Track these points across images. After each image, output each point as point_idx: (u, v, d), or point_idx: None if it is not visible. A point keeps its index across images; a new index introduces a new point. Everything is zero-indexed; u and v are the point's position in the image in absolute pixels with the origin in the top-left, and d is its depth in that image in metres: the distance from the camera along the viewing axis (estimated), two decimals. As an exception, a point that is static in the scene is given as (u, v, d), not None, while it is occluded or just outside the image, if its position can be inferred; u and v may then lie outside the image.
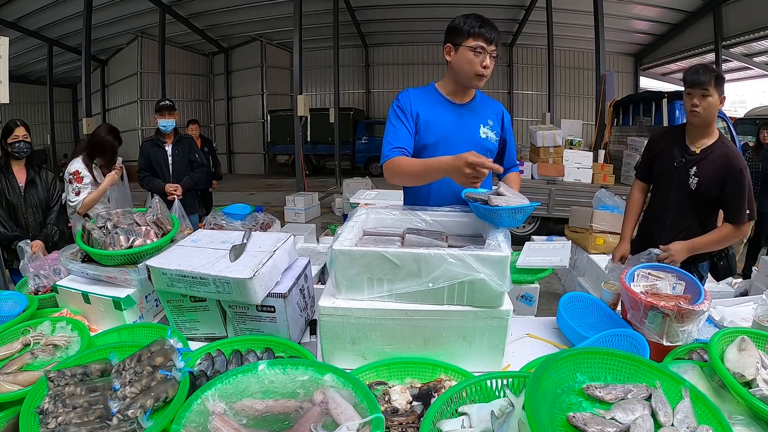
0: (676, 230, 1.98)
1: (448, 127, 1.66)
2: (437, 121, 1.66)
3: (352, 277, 1.16)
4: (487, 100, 1.77)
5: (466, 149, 1.60)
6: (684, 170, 1.95)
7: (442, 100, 1.69)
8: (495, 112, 1.75)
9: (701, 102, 1.82)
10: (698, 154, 1.93)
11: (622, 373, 0.99)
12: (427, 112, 1.66)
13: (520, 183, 1.84)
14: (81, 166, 3.04)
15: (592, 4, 8.83)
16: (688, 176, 1.93)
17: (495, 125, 1.73)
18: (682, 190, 1.96)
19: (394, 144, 1.62)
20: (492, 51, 1.56)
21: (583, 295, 1.64)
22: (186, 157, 3.77)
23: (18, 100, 15.39)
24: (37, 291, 1.75)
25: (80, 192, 3.02)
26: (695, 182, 1.92)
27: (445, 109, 1.68)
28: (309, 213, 8.09)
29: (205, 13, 13.60)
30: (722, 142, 1.93)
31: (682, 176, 1.95)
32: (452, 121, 1.67)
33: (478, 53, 1.54)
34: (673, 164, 1.97)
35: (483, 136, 1.69)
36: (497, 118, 1.75)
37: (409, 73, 15.97)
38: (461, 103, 1.69)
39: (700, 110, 1.83)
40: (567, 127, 8.60)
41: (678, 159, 1.96)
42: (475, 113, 1.70)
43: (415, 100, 1.68)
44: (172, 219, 1.73)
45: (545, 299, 3.87)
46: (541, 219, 6.17)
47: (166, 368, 1.01)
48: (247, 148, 17.11)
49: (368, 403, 0.91)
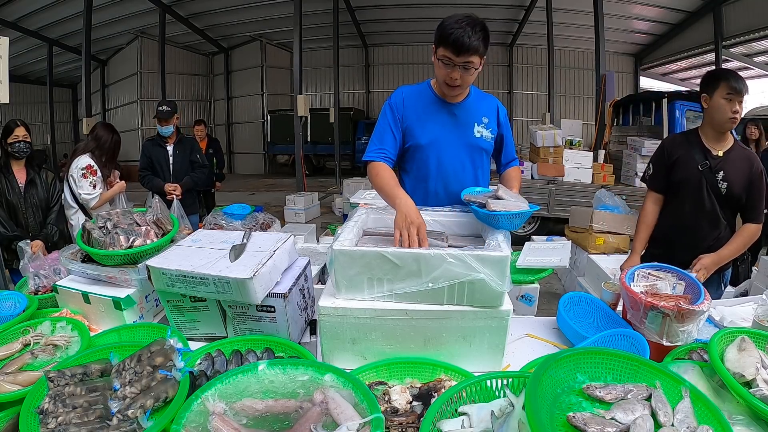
0: (711, 235, 1.95)
1: (440, 128, 1.65)
2: (429, 122, 1.64)
3: (352, 277, 1.16)
4: (482, 97, 1.73)
5: (459, 150, 1.64)
6: (710, 174, 1.92)
7: (436, 99, 1.66)
8: (490, 108, 1.72)
9: (740, 108, 1.85)
10: (722, 157, 1.92)
11: (622, 373, 0.99)
12: (419, 113, 1.65)
13: (521, 179, 1.82)
14: (92, 162, 3.07)
15: (592, 4, 8.82)
16: (716, 180, 1.91)
17: (491, 122, 1.70)
18: (714, 193, 1.93)
19: (379, 146, 1.63)
20: (462, 62, 1.46)
21: (583, 295, 1.64)
22: (187, 157, 3.78)
23: (18, 100, 15.39)
24: (37, 291, 1.74)
25: (96, 185, 3.05)
26: (725, 186, 1.90)
27: (438, 109, 1.65)
28: (309, 213, 8.09)
29: (205, 13, 13.60)
30: (738, 144, 1.95)
31: (710, 180, 1.93)
32: (445, 122, 1.65)
33: (445, 64, 1.50)
34: (698, 168, 1.94)
35: (477, 135, 1.67)
36: (492, 114, 1.71)
37: (409, 73, 15.95)
38: (455, 103, 1.66)
39: (739, 117, 1.85)
40: (567, 127, 8.60)
41: (702, 163, 1.93)
42: (468, 112, 1.67)
43: (408, 101, 1.66)
44: (172, 219, 1.73)
45: (545, 299, 3.87)
46: (541, 219, 6.17)
47: (166, 368, 1.01)
48: (247, 148, 17.12)
49: (368, 403, 0.91)
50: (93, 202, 3.05)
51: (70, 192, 3.09)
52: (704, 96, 1.91)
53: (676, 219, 2.04)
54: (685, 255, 1.87)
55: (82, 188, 3.04)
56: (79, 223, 3.02)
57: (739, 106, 1.84)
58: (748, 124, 4.79)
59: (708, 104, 1.90)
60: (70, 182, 3.07)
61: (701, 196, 1.95)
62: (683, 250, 1.93)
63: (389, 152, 1.63)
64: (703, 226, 1.97)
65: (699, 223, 1.98)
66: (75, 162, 3.08)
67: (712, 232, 1.97)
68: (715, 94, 1.86)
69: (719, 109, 1.85)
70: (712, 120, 1.90)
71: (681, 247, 1.97)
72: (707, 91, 1.90)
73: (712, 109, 1.89)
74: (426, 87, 1.69)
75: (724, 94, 1.84)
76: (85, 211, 3.12)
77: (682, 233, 2.02)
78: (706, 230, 1.97)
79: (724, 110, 1.85)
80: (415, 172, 1.72)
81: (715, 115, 1.88)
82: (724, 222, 1.97)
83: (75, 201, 3.10)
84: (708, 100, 1.89)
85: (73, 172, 3.06)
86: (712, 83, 1.88)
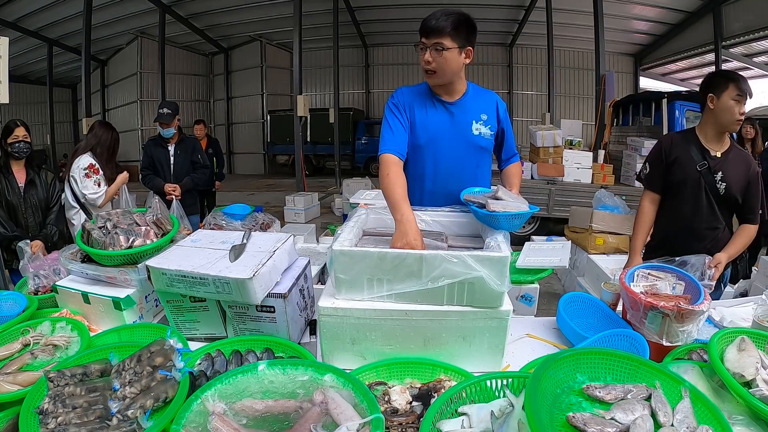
0: (710, 236, 1.95)
1: (438, 128, 1.66)
2: (428, 121, 1.66)
3: (352, 277, 1.16)
4: (480, 93, 1.74)
5: (458, 148, 1.66)
6: (709, 175, 1.92)
7: (434, 99, 1.68)
8: (488, 103, 1.72)
9: (744, 111, 1.85)
10: (720, 157, 1.92)
11: (621, 373, 0.99)
12: (419, 112, 1.67)
13: (521, 177, 1.82)
14: (93, 160, 3.08)
15: (592, 4, 8.82)
16: (715, 181, 1.91)
17: (490, 118, 1.70)
18: (713, 194, 1.93)
19: (392, 142, 1.63)
20: (433, 44, 1.52)
21: (582, 296, 1.64)
22: (188, 157, 3.79)
23: (18, 100, 15.37)
24: (36, 291, 1.74)
25: (101, 183, 3.06)
26: (723, 187, 1.90)
27: (436, 109, 1.67)
28: (309, 213, 8.09)
29: (205, 13, 13.58)
30: (735, 146, 1.95)
31: (709, 181, 1.92)
32: (443, 121, 1.67)
33: (421, 50, 1.56)
34: (697, 168, 1.93)
35: (475, 133, 1.68)
36: (491, 110, 1.72)
37: (409, 73, 15.94)
38: (452, 101, 1.67)
39: (743, 119, 1.85)
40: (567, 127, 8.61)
41: (700, 163, 1.93)
42: (466, 110, 1.68)
43: (409, 97, 1.69)
44: (172, 219, 1.73)
45: (545, 299, 3.87)
46: (541, 219, 6.16)
47: (166, 368, 1.01)
48: (247, 149, 17.10)
49: (368, 403, 0.91)
50: (100, 200, 3.06)
51: (71, 192, 3.09)
52: (711, 96, 1.89)
53: (675, 219, 2.03)
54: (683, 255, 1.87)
55: (86, 188, 3.04)
56: (80, 223, 3.02)
57: (744, 109, 1.84)
58: (745, 123, 4.80)
59: (715, 105, 1.88)
60: (72, 183, 3.07)
61: (700, 196, 1.95)
62: (682, 250, 1.93)
63: (402, 147, 1.63)
64: (701, 227, 1.97)
65: (698, 224, 1.98)
66: (76, 162, 3.08)
67: (710, 232, 1.97)
68: (723, 95, 1.85)
69: (728, 111, 1.85)
70: (718, 120, 1.90)
71: (680, 247, 1.96)
72: (714, 92, 1.88)
73: (719, 110, 1.87)
74: (424, 87, 1.71)
75: (734, 95, 1.83)
76: (86, 210, 3.12)
77: (680, 234, 2.01)
78: (705, 231, 1.97)
79: (732, 111, 1.84)
80: (412, 171, 1.73)
81: (723, 115, 1.87)
82: (723, 222, 1.97)
83: (76, 201, 3.10)
84: (715, 101, 1.88)
85: (75, 172, 3.06)
86: (720, 84, 1.87)
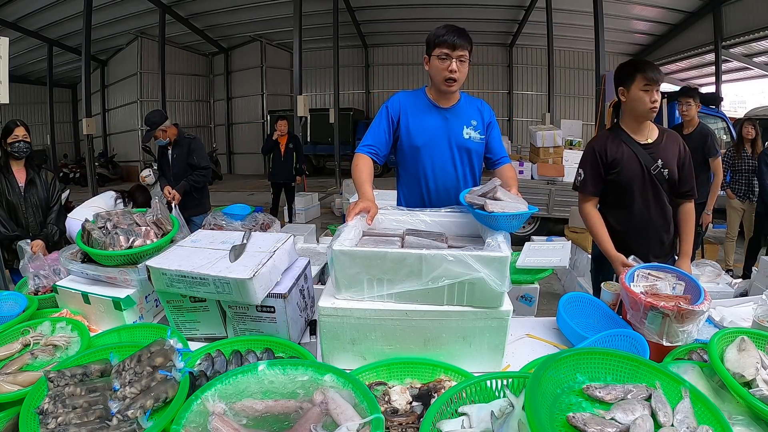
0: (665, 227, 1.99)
1: (433, 131, 1.82)
2: (424, 125, 1.82)
3: (352, 277, 1.16)
4: (471, 101, 1.91)
5: (450, 150, 1.86)
6: (651, 163, 1.93)
7: (429, 105, 1.84)
8: (476, 110, 1.88)
9: (658, 97, 1.86)
10: (654, 144, 1.95)
11: (622, 373, 0.99)
12: (415, 117, 1.83)
13: (517, 177, 1.91)
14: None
15: (592, 4, 8.80)
16: (658, 168, 1.93)
17: (479, 124, 1.86)
18: (659, 181, 1.94)
19: (370, 142, 1.82)
20: (459, 56, 1.70)
21: (582, 296, 1.64)
22: (184, 159, 3.77)
23: (18, 100, 15.36)
24: (37, 291, 1.75)
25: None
26: (666, 172, 1.93)
27: (431, 114, 1.83)
28: (309, 213, 8.08)
29: (205, 14, 13.58)
30: (662, 129, 1.99)
31: (653, 170, 1.93)
32: (437, 125, 1.83)
33: (443, 59, 1.70)
34: (638, 161, 1.93)
35: (466, 136, 1.84)
36: (479, 116, 1.87)
37: (409, 74, 15.93)
38: (446, 107, 1.84)
39: (658, 105, 1.87)
40: (567, 127, 8.59)
41: (640, 154, 1.94)
42: (458, 116, 1.84)
43: (405, 105, 1.84)
44: (172, 219, 1.73)
45: (545, 299, 3.87)
46: (541, 219, 6.16)
47: (166, 368, 1.01)
48: (247, 149, 17.08)
49: (368, 403, 0.91)
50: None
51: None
52: (621, 89, 1.93)
53: (628, 218, 1.99)
54: (641, 250, 1.87)
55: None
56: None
57: (657, 95, 1.86)
58: (745, 123, 4.77)
59: (626, 97, 1.91)
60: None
61: (646, 188, 1.96)
62: (640, 246, 1.93)
63: (378, 149, 1.82)
64: (656, 219, 1.99)
65: (651, 216, 1.98)
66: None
67: (665, 223, 1.99)
68: (632, 87, 1.87)
69: (639, 101, 1.87)
70: (633, 112, 1.92)
71: (637, 244, 1.95)
72: (624, 85, 1.91)
73: (631, 102, 1.90)
74: (421, 93, 1.87)
75: (642, 86, 1.85)
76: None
77: (637, 231, 1.98)
78: (660, 221, 1.99)
79: (643, 101, 1.86)
80: (412, 170, 1.89)
81: (636, 106, 1.89)
82: (671, 209, 2.00)
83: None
84: (626, 93, 1.91)
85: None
86: (627, 76, 1.89)
